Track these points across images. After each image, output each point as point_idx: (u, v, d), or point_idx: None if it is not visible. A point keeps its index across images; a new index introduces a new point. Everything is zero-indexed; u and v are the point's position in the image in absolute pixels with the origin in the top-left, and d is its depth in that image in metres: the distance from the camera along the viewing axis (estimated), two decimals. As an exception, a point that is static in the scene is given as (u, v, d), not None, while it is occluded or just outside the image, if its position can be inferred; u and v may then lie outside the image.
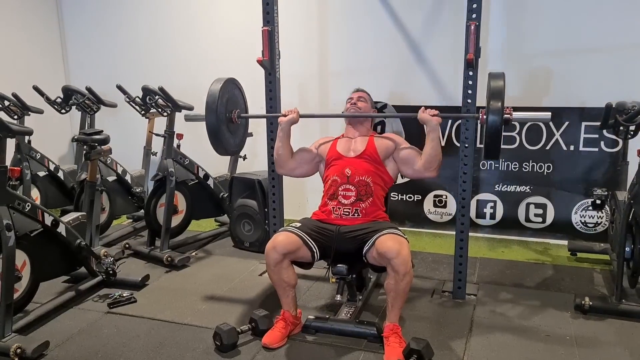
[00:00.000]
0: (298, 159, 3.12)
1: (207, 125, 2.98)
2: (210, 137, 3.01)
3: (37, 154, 4.71)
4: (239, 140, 3.32)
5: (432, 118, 2.82)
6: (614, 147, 3.93)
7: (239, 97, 3.24)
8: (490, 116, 2.57)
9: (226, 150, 3.14)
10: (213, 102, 2.96)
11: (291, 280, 2.78)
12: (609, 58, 3.98)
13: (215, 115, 2.96)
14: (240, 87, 3.24)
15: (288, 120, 3.04)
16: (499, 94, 2.58)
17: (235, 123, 3.17)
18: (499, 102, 2.56)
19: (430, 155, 2.84)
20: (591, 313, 3.01)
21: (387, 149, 2.99)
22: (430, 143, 2.84)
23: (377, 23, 4.45)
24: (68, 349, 2.74)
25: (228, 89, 3.08)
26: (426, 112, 2.84)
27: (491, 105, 2.56)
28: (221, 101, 2.99)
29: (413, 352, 2.46)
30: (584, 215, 4.13)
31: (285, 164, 3.10)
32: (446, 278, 3.55)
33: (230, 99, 3.11)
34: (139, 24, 5.31)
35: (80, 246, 3.25)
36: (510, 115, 2.62)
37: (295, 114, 3.05)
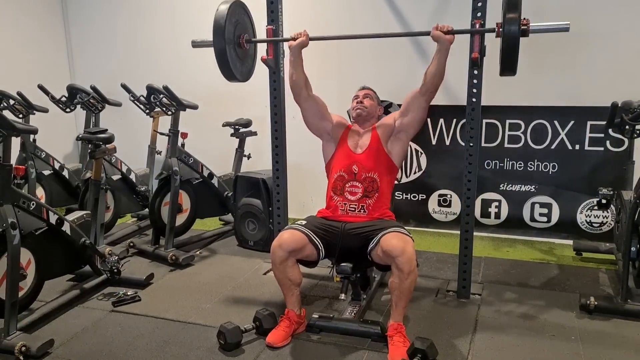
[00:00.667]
0: (315, 97, 3.10)
1: (215, 50, 2.92)
2: (218, 60, 2.95)
3: (42, 153, 4.72)
4: (248, 66, 3.25)
5: (445, 37, 2.79)
6: (620, 146, 3.90)
7: (247, 21, 3.17)
8: (506, 27, 2.53)
9: (235, 76, 3.06)
10: (221, 24, 2.87)
11: (296, 279, 2.78)
12: (615, 57, 3.96)
13: (223, 38, 2.89)
14: (248, 12, 3.17)
15: (298, 44, 3.00)
16: (514, 4, 2.54)
17: (244, 48, 3.11)
18: (515, 13, 2.53)
19: (433, 73, 2.84)
20: (596, 313, 3.00)
21: (387, 127, 3.01)
22: (436, 61, 2.83)
23: (382, 20, 4.44)
24: (72, 347, 2.74)
25: (235, 12, 3.00)
26: (439, 30, 2.82)
27: (507, 16, 2.52)
28: (228, 25, 2.91)
29: (417, 351, 2.46)
30: (589, 214, 4.11)
31: (300, 91, 3.06)
32: (451, 277, 3.54)
33: (238, 23, 3.04)
34: (143, 24, 5.31)
35: (85, 245, 3.26)
36: (527, 25, 2.58)
37: (304, 37, 3.02)
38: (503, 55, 2.64)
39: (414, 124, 3.00)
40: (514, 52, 2.58)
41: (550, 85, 4.13)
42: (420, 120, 3.00)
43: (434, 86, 2.89)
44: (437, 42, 2.83)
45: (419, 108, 2.96)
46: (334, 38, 3.30)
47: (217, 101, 4.91)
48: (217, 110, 4.83)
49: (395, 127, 3.00)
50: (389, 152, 2.98)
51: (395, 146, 3.00)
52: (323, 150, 3.15)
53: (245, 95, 4.59)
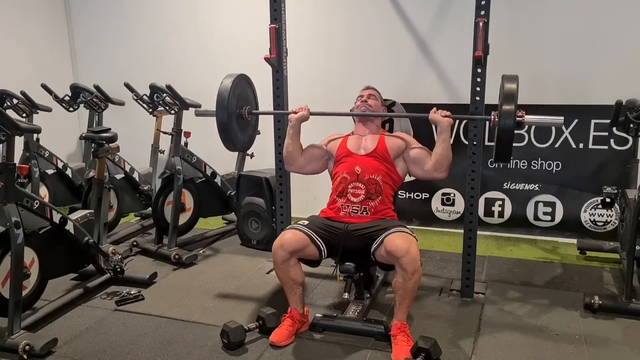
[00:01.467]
0: (307, 156, 3.11)
1: (218, 121, 2.97)
2: (220, 132, 3.00)
3: (46, 152, 4.73)
4: (248, 136, 3.31)
5: (443, 119, 2.82)
6: (624, 145, 3.90)
7: (250, 94, 3.22)
8: (502, 119, 2.55)
9: (235, 146, 3.13)
10: (224, 98, 2.94)
11: (298, 278, 2.78)
12: (620, 55, 3.94)
13: (226, 111, 2.94)
14: (251, 84, 3.24)
15: (298, 118, 3.03)
16: (511, 97, 2.56)
17: (246, 119, 3.16)
18: (511, 105, 2.55)
19: (441, 156, 2.84)
20: (600, 312, 2.99)
21: (398, 148, 2.99)
22: (441, 144, 2.84)
23: (385, 20, 4.43)
24: (76, 346, 2.75)
25: (239, 84, 3.06)
26: (438, 113, 2.84)
27: (503, 109, 2.54)
28: (232, 97, 2.96)
29: (421, 350, 2.45)
30: (593, 213, 4.10)
31: (295, 161, 3.10)
32: (454, 276, 3.54)
33: (241, 95, 3.09)
34: (147, 23, 5.31)
35: (88, 244, 3.26)
36: (522, 118, 2.60)
37: (305, 111, 3.04)
38: (498, 145, 2.66)
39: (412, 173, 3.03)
40: (509, 144, 2.62)
41: (554, 84, 4.11)
42: (419, 177, 3.05)
43: (444, 167, 2.87)
44: (436, 125, 2.87)
45: (422, 173, 2.96)
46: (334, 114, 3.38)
47: (220, 100, 4.91)
48: (220, 109, 4.83)
49: (403, 153, 3.00)
50: (395, 164, 2.98)
51: (399, 163, 3.00)
52: (329, 170, 3.15)
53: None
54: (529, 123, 2.68)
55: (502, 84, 2.63)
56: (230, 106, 2.97)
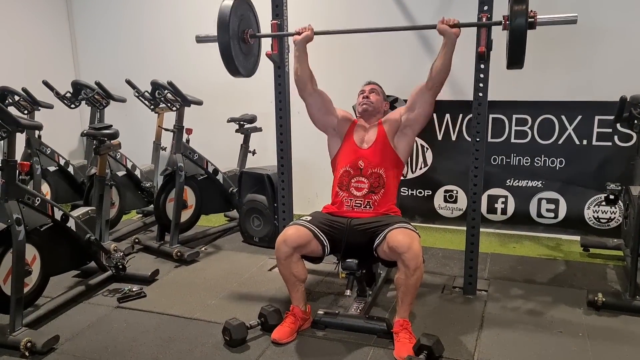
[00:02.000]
0: (320, 92, 3.08)
1: (220, 45, 2.91)
2: (223, 56, 2.94)
3: (48, 149, 4.73)
4: (252, 62, 3.24)
5: (452, 31, 2.77)
6: (628, 141, 3.87)
7: (251, 16, 3.16)
8: (513, 19, 2.50)
9: (239, 71, 3.05)
10: (224, 20, 2.86)
11: (301, 275, 2.77)
12: (624, 50, 3.92)
13: (228, 33, 2.88)
14: (252, 7, 3.16)
15: (303, 38, 2.99)
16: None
17: (248, 43, 3.10)
18: (523, 5, 2.50)
19: (439, 67, 2.82)
20: (604, 309, 2.97)
21: (393, 122, 2.99)
22: (442, 56, 2.81)
23: (387, 14, 4.41)
24: (78, 343, 2.74)
25: (240, 7, 2.99)
26: (445, 23, 2.80)
27: (514, 8, 2.50)
28: (233, 18, 2.90)
29: (423, 348, 2.44)
30: (596, 210, 4.08)
31: (305, 86, 3.04)
32: (457, 274, 3.52)
33: (243, 18, 3.03)
34: (148, 19, 5.30)
35: (90, 241, 3.26)
36: (534, 18, 2.56)
37: (309, 31, 3.00)
38: (510, 48, 2.61)
39: (420, 119, 2.97)
40: (521, 45, 2.56)
41: (558, 80, 4.09)
42: (426, 115, 2.98)
43: (440, 81, 2.87)
44: (443, 36, 2.81)
45: (425, 103, 2.93)
46: (339, 32, 3.28)
47: (222, 97, 4.90)
48: (222, 106, 4.82)
49: (401, 123, 2.98)
50: (395, 147, 2.96)
51: (401, 141, 2.98)
52: (328, 146, 3.13)
53: (250, 91, 4.58)
54: (541, 22, 2.60)
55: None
56: (232, 28, 2.90)
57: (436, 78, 2.85)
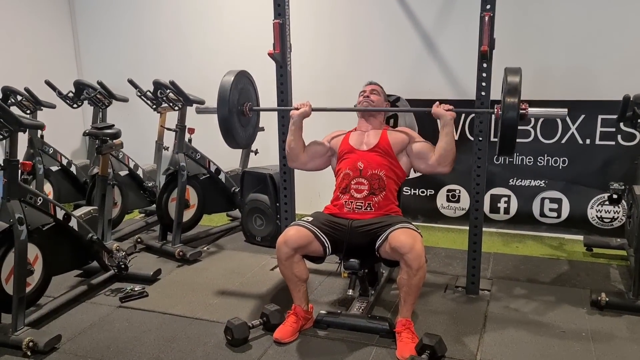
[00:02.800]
0: (310, 152, 3.10)
1: (219, 118, 2.96)
2: (222, 130, 2.99)
3: (50, 149, 4.73)
4: (250, 133, 3.30)
5: (446, 113, 2.79)
6: (632, 140, 3.86)
7: (251, 90, 3.21)
8: (505, 112, 2.53)
9: (237, 143, 3.12)
10: (225, 95, 2.93)
11: (302, 275, 2.76)
12: (627, 49, 3.90)
13: (227, 108, 2.94)
14: (252, 80, 3.22)
15: (300, 114, 3.01)
16: (515, 89, 2.54)
17: (247, 116, 3.15)
18: (515, 98, 2.53)
19: (445, 150, 2.81)
20: (607, 309, 2.96)
21: (401, 142, 2.96)
22: (444, 138, 2.81)
23: (389, 14, 4.40)
24: (80, 342, 2.74)
25: (240, 81, 3.05)
26: (440, 107, 2.82)
27: (507, 101, 2.53)
28: (233, 94, 2.96)
29: (426, 347, 2.43)
30: (600, 210, 4.07)
31: (297, 158, 3.08)
32: (459, 273, 3.52)
33: (242, 92, 3.09)
34: (150, 19, 5.30)
35: (92, 240, 3.26)
36: (526, 111, 2.58)
37: (307, 107, 3.02)
38: (501, 139, 2.64)
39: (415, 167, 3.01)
40: (513, 136, 2.59)
41: (561, 79, 4.07)
42: (422, 172, 3.04)
43: (448, 161, 2.85)
44: (439, 120, 2.84)
45: (426, 167, 2.94)
46: (336, 110, 3.30)
47: (224, 96, 4.89)
48: (224, 106, 4.82)
49: (406, 148, 2.97)
50: (398, 158, 2.96)
51: (402, 158, 2.98)
52: (332, 166, 3.13)
53: (252, 91, 4.57)
54: (532, 116, 2.65)
55: (505, 77, 2.61)
56: (232, 103, 2.96)
57: (442, 159, 2.84)
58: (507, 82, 2.58)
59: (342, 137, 3.07)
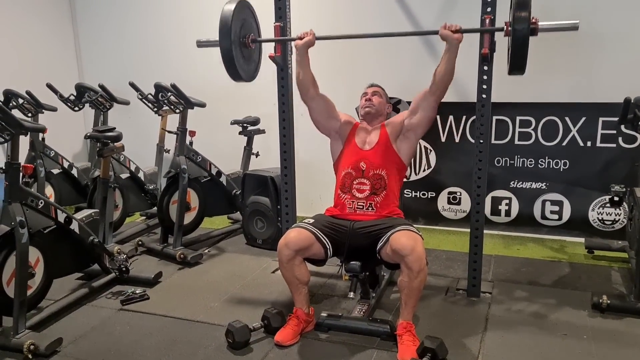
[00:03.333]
0: (322, 96, 3.08)
1: (221, 49, 2.92)
2: (225, 62, 2.95)
3: (51, 152, 4.74)
4: (253, 66, 3.24)
5: (454, 36, 2.76)
6: (633, 143, 3.86)
7: (253, 22, 3.17)
8: (515, 26, 2.50)
9: (240, 76, 3.06)
10: (227, 25, 2.87)
11: (304, 277, 2.76)
12: (628, 52, 3.90)
13: (229, 38, 2.89)
14: (254, 12, 3.17)
15: (304, 43, 2.99)
16: (525, 3, 2.51)
17: (249, 48, 3.11)
18: (525, 11, 2.50)
19: (442, 72, 2.81)
20: (609, 312, 2.96)
21: (396, 125, 2.98)
22: (446, 61, 2.80)
23: (390, 17, 4.41)
24: (81, 345, 2.74)
25: (241, 12, 3.00)
26: (448, 28, 2.79)
27: (516, 15, 2.50)
28: (235, 24, 2.91)
29: (427, 350, 2.43)
30: (601, 212, 4.06)
31: (308, 90, 3.05)
32: (460, 276, 3.51)
33: (244, 23, 3.04)
34: (151, 22, 5.31)
35: (94, 243, 3.26)
36: (536, 25, 2.55)
37: (311, 36, 3.00)
38: (512, 54, 2.62)
39: (423, 123, 2.96)
40: (523, 51, 2.56)
41: (562, 81, 4.07)
42: (429, 119, 2.97)
43: (444, 85, 2.86)
44: (446, 42, 2.80)
45: (428, 107, 2.92)
46: (341, 37, 3.28)
47: (225, 99, 4.90)
48: (225, 108, 4.82)
49: (404, 126, 2.98)
50: (398, 150, 2.96)
51: (403, 145, 2.97)
52: (331, 149, 3.13)
53: (253, 93, 4.57)
54: (542, 29, 2.60)
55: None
56: (234, 33, 2.91)
57: (440, 83, 2.84)
58: None
59: (350, 128, 3.07)
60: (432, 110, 2.94)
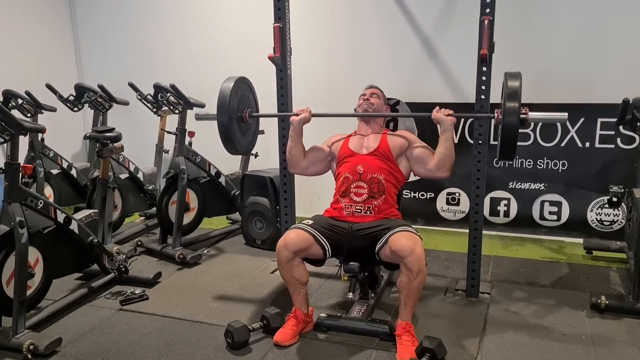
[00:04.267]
0: (310, 158, 3.11)
1: (219, 125, 2.97)
2: (222, 136, 3.00)
3: (51, 152, 4.74)
4: (250, 139, 3.31)
5: (446, 118, 2.80)
6: (631, 143, 3.87)
7: (250, 96, 3.22)
8: (506, 117, 2.54)
9: (237, 149, 3.13)
10: (224, 102, 2.94)
11: (302, 278, 2.77)
12: (626, 53, 3.91)
13: (227, 115, 2.95)
14: (251, 86, 3.23)
15: (300, 120, 3.02)
16: (515, 94, 2.55)
17: (247, 122, 3.16)
18: (515, 103, 2.53)
19: (444, 155, 2.82)
20: (607, 312, 2.96)
21: (400, 146, 2.97)
22: (443, 143, 2.82)
23: (389, 18, 4.41)
24: (80, 345, 2.74)
25: (239, 87, 3.06)
26: (440, 112, 2.82)
27: (507, 106, 2.53)
28: (232, 101, 2.97)
29: (426, 350, 2.44)
30: (599, 213, 4.07)
31: (298, 164, 3.09)
32: (459, 276, 3.52)
33: (242, 98, 3.10)
34: (151, 22, 5.32)
35: (93, 243, 3.26)
36: (526, 115, 2.58)
37: (307, 113, 3.03)
38: (502, 144, 2.64)
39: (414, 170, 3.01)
40: (513, 141, 2.60)
41: (560, 82, 4.08)
42: (421, 176, 3.04)
43: (447, 166, 2.86)
44: (439, 125, 2.85)
45: (426, 172, 2.95)
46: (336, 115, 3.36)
47: (224, 100, 4.90)
48: (225, 109, 4.83)
49: (406, 152, 2.98)
50: (398, 163, 2.96)
51: (402, 162, 2.99)
52: (332, 171, 3.14)
53: (252, 94, 4.58)
54: (533, 120, 2.66)
55: (505, 81, 2.62)
56: (232, 110, 2.97)
57: (441, 164, 2.85)
58: (507, 87, 2.59)
59: (342, 142, 3.08)
60: (425, 174, 2.97)
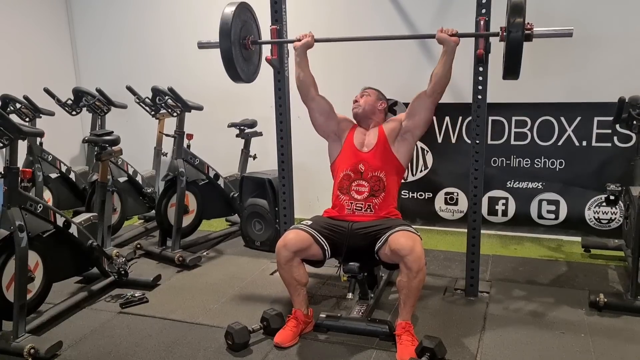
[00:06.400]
0: (322, 97, 3.10)
1: (221, 51, 2.94)
2: (225, 63, 2.97)
3: (49, 156, 4.74)
4: (253, 68, 3.26)
5: (450, 38, 2.79)
6: (628, 142, 3.88)
7: (253, 24, 3.18)
8: (511, 32, 2.53)
9: (241, 76, 3.08)
10: (227, 27, 2.90)
11: (302, 279, 2.77)
12: (622, 51, 3.92)
13: (229, 40, 2.91)
14: (254, 14, 3.18)
15: (303, 44, 3.01)
16: (520, 9, 2.53)
17: (249, 49, 3.13)
18: (520, 17, 2.52)
19: (439, 76, 2.84)
20: (606, 310, 2.97)
21: (394, 129, 2.99)
22: (442, 64, 2.83)
23: (386, 20, 4.43)
24: (81, 349, 2.75)
25: (242, 13, 3.02)
26: (445, 32, 2.81)
27: (511, 20, 2.52)
28: (235, 26, 2.93)
29: (426, 350, 2.44)
30: (597, 211, 4.08)
31: (308, 91, 3.07)
32: (458, 276, 3.53)
33: (244, 25, 3.06)
34: (148, 26, 5.32)
35: (92, 247, 3.27)
36: (531, 30, 2.58)
37: (310, 38, 3.02)
38: (506, 60, 2.64)
39: (420, 125, 2.98)
40: (518, 57, 2.59)
41: (557, 82, 4.10)
42: (427, 121, 2.99)
43: (441, 87, 2.88)
44: (443, 45, 2.83)
45: (426, 109, 2.95)
46: (339, 40, 3.29)
47: (223, 102, 4.92)
48: (223, 111, 4.84)
49: (401, 128, 2.99)
50: (396, 151, 2.97)
51: (401, 147, 2.99)
52: (329, 151, 3.14)
53: (250, 96, 4.59)
54: (538, 35, 2.62)
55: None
56: (234, 35, 2.93)
57: (437, 85, 2.87)
58: (512, 2, 2.56)
59: (349, 131, 3.08)
60: (429, 112, 2.96)
